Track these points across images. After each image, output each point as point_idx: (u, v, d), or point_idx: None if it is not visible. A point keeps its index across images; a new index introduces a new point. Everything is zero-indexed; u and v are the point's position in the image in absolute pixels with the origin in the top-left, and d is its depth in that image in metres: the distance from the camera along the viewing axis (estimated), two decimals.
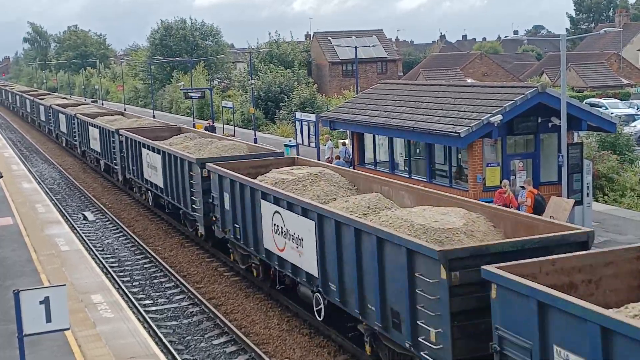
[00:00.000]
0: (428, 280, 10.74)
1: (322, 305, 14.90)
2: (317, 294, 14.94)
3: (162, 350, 14.23)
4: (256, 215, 17.23)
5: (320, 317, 15.16)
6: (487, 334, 9.78)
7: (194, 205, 22.25)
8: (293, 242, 15.34)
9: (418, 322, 11.12)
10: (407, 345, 11.50)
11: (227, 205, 19.10)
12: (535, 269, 9.61)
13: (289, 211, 15.36)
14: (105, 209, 30.12)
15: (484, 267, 9.77)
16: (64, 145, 52.32)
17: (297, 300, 16.77)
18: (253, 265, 18.58)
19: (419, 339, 11.14)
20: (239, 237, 18.47)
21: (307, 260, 14.82)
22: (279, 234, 16.06)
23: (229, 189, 18.77)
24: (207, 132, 33.08)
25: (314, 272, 14.55)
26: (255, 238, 17.49)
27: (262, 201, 16.74)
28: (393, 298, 11.81)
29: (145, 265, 22.12)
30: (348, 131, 30.28)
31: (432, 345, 10.79)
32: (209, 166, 20.39)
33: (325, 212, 13.91)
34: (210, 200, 20.45)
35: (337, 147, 33.63)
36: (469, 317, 10.40)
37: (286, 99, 57.65)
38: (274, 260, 16.54)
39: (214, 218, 20.37)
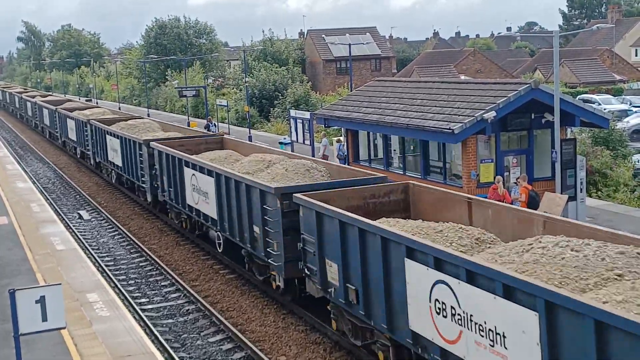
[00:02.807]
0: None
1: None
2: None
3: (158, 349, 14.26)
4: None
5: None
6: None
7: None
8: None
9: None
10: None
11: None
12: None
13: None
14: (100, 208, 30.12)
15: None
16: (78, 157, 43.21)
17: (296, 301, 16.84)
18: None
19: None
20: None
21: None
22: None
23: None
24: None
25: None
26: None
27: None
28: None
29: (140, 264, 22.14)
30: (342, 128, 30.32)
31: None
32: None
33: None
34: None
35: (332, 144, 33.67)
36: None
37: (280, 97, 57.68)
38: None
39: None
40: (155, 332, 15.95)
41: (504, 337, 9.28)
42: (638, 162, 31.21)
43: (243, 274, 19.65)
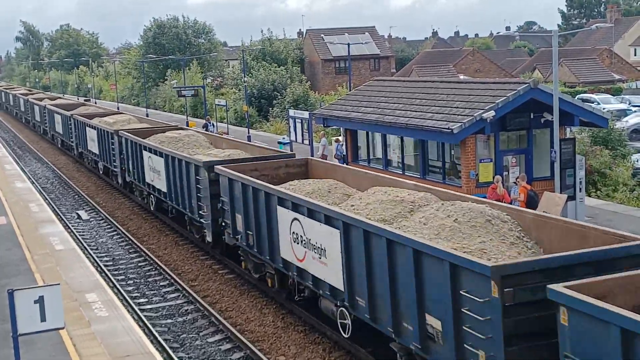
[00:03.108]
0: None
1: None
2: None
3: (157, 349, 14.24)
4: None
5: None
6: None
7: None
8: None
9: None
10: None
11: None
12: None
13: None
14: (99, 208, 30.09)
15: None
16: (100, 172, 36.97)
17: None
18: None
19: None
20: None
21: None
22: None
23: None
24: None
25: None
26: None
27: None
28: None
29: (139, 264, 22.12)
30: (341, 128, 30.31)
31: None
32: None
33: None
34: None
35: (331, 144, 33.67)
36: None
37: (279, 97, 57.67)
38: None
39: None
40: (154, 332, 15.93)
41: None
42: (637, 161, 31.21)
43: (242, 274, 19.64)
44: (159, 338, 15.61)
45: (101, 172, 32.07)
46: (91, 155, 37.26)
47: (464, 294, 9.86)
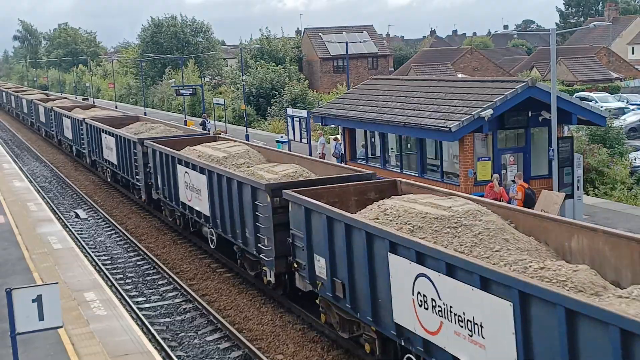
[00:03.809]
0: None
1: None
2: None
3: (155, 347, 14.24)
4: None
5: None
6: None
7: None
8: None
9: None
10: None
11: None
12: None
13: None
14: (97, 207, 30.07)
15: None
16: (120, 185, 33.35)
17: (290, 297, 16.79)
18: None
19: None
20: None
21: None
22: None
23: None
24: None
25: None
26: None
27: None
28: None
29: (138, 263, 22.11)
30: (339, 127, 30.31)
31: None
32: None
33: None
34: None
35: (329, 142, 33.67)
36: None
37: (277, 95, 57.67)
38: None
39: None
40: (153, 331, 15.93)
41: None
42: (635, 159, 31.25)
43: (240, 273, 19.64)
44: (158, 337, 15.61)
45: (145, 204, 27.95)
46: (106, 164, 33.33)
47: None
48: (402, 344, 11.77)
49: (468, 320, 9.94)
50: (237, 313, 17.09)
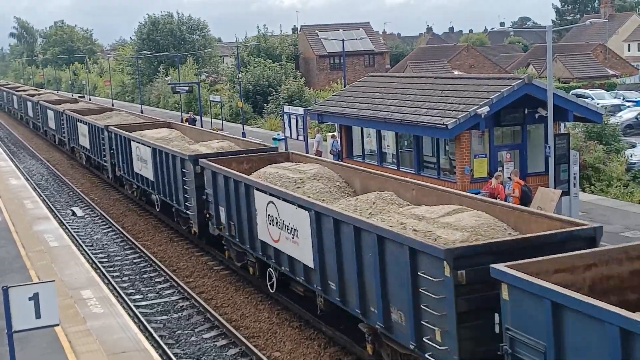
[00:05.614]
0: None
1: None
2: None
3: (152, 345, 14.24)
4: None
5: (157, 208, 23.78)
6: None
7: None
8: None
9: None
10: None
11: None
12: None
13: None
14: (93, 205, 30.05)
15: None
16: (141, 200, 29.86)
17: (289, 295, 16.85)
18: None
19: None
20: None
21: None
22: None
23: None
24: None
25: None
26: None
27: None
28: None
29: (134, 260, 22.11)
30: (336, 124, 30.30)
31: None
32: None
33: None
34: None
35: (326, 140, 33.66)
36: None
37: (274, 93, 57.62)
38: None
39: None
40: (150, 329, 15.94)
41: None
42: (631, 156, 31.29)
43: (237, 271, 19.64)
44: (155, 334, 15.62)
45: (158, 209, 26.31)
46: (139, 183, 27.87)
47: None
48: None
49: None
50: (234, 310, 17.10)
